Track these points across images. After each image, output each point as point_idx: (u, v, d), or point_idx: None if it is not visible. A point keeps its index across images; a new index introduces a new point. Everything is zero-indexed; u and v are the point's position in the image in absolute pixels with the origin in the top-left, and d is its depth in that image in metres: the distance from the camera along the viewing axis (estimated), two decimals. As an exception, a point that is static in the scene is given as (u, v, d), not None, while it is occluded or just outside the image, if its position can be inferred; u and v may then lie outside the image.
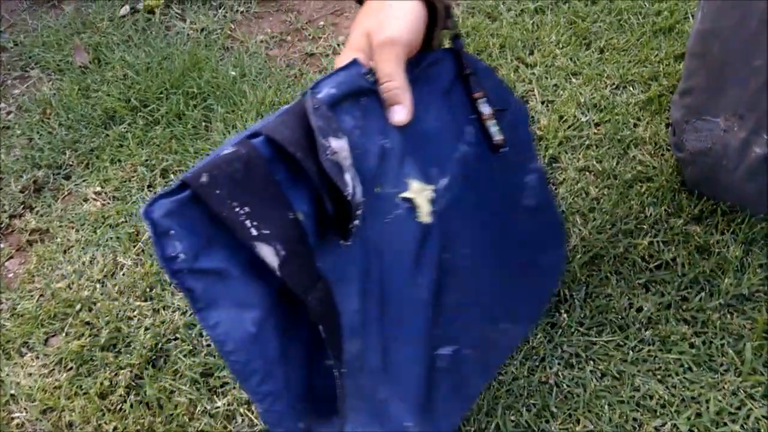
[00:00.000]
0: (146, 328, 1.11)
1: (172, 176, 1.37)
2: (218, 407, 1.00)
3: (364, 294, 0.62)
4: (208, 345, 1.08)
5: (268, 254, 0.52)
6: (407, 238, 0.65)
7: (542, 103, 1.37)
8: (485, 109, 0.72)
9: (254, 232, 0.51)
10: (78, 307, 1.15)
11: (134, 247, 1.24)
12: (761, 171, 1.02)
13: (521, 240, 0.80)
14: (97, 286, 1.19)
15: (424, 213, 0.66)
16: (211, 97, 1.52)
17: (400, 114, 0.65)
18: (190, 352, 1.07)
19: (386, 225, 0.63)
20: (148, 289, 1.17)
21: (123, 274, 1.20)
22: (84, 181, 1.40)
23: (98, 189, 1.37)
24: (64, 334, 1.12)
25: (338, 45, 1.68)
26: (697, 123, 1.09)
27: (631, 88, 1.37)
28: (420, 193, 0.66)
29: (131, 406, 1.01)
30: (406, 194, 0.65)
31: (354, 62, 0.64)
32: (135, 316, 1.13)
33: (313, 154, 0.54)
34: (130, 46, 1.73)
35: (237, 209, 0.51)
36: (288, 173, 0.55)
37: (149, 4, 1.84)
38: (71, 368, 1.08)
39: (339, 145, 0.56)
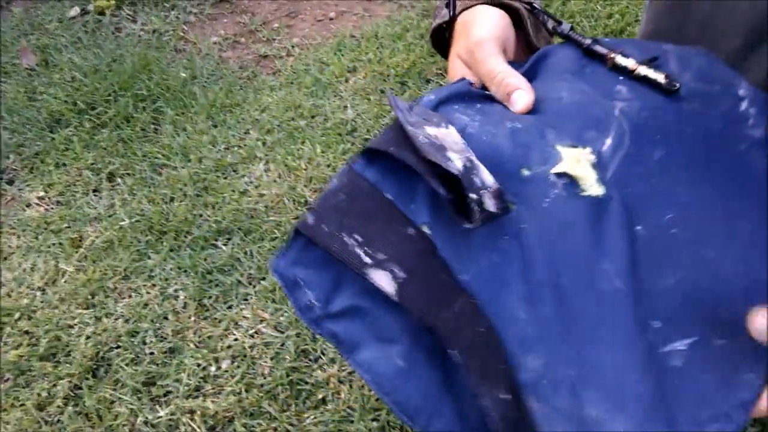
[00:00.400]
0: (87, 337, 1.07)
1: (118, 180, 1.34)
2: (160, 417, 0.97)
3: (531, 298, 0.53)
4: (151, 353, 1.05)
5: (383, 281, 0.48)
6: (574, 219, 0.54)
7: (495, 105, 1.37)
8: (629, 63, 0.60)
9: (367, 259, 0.48)
10: (17, 315, 1.11)
11: (76, 252, 1.20)
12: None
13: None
14: (38, 293, 1.15)
15: (590, 183, 0.54)
16: (160, 99, 1.48)
17: (521, 98, 0.58)
18: (132, 361, 1.04)
19: (545, 212, 0.54)
20: (90, 297, 1.13)
21: (64, 281, 1.16)
22: (27, 185, 1.36)
23: (41, 194, 1.33)
24: (1, 344, 1.08)
25: (292, 47, 1.66)
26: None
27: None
28: (577, 162, 0.54)
29: (69, 417, 0.98)
30: (559, 168, 0.54)
31: (461, 78, 0.59)
32: (76, 325, 1.10)
33: (412, 148, 0.50)
34: (79, 47, 1.69)
35: (347, 240, 0.49)
36: (400, 188, 0.51)
37: (100, 5, 1.80)
38: (8, 379, 1.04)
39: (441, 132, 0.51)
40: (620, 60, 0.60)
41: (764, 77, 0.96)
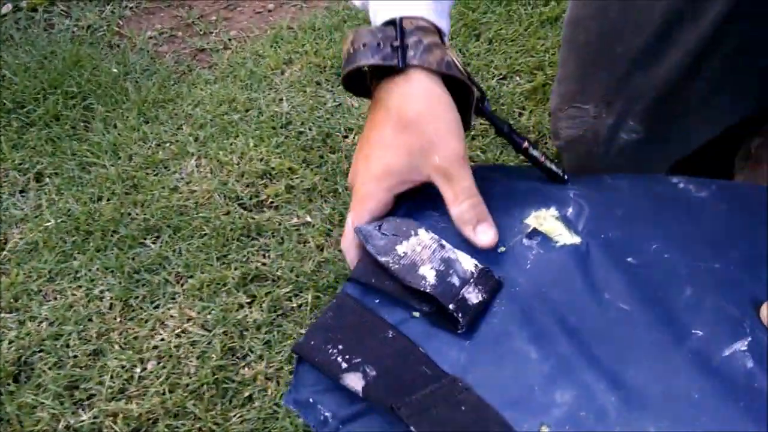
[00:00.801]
0: (10, 342, 1.05)
1: (46, 180, 1.30)
2: (83, 421, 0.95)
3: (540, 339, 0.53)
4: (75, 356, 1.02)
5: (353, 381, 0.50)
6: (561, 267, 0.56)
7: (430, 94, 1.36)
8: (537, 154, 0.64)
9: (344, 365, 0.51)
10: (-63, 322, 1.08)
11: (0, 255, 1.17)
12: (628, 157, 1.03)
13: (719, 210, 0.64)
14: (-41, 299, 1.11)
15: (561, 233, 0.57)
16: (91, 96, 1.45)
17: (488, 234, 0.56)
18: (55, 365, 1.02)
19: (531, 271, 0.56)
20: (13, 300, 1.10)
21: (-13, 285, 1.13)
22: (-48, 188, 1.32)
23: (-34, 196, 1.29)
24: None
25: (229, 40, 1.63)
26: (570, 110, 1.09)
27: (518, 78, 1.38)
28: (544, 220, 0.58)
29: (-11, 425, 0.95)
30: (528, 229, 0.57)
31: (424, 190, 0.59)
32: (-2, 329, 1.07)
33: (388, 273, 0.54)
34: (11, 45, 1.64)
35: (330, 350, 0.51)
36: (384, 295, 0.55)
37: (32, 1, 1.75)
38: (-74, 388, 1.01)
39: (412, 245, 0.55)
40: (532, 151, 0.63)
41: (686, 57, 0.97)
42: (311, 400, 0.51)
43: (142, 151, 1.32)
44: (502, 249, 0.57)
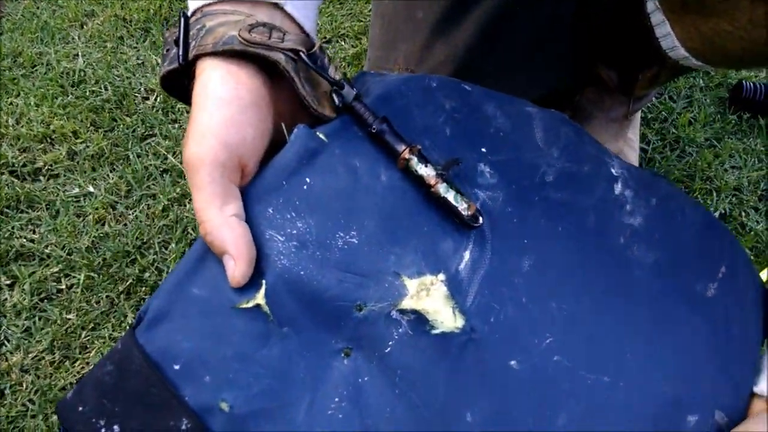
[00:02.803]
0: None
1: None
2: None
3: None
4: None
5: None
6: (426, 365, 0.43)
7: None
8: (425, 172, 0.47)
9: None
10: None
11: None
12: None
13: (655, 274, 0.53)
14: None
15: (444, 317, 0.44)
16: None
17: (229, 270, 0.43)
18: None
19: (387, 359, 0.43)
20: None
21: None
22: None
23: None
24: None
25: (27, -13, 1.45)
26: (379, 76, 1.03)
27: (342, 42, 1.30)
28: (427, 294, 0.45)
29: None
30: (403, 305, 0.44)
31: (301, 131, 0.47)
32: None
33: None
34: None
35: (103, 429, 0.39)
36: (196, 353, 0.42)
37: None
38: None
39: None
40: (416, 166, 0.46)
41: (483, 26, 0.93)
42: None
43: None
44: (362, 311, 0.43)
